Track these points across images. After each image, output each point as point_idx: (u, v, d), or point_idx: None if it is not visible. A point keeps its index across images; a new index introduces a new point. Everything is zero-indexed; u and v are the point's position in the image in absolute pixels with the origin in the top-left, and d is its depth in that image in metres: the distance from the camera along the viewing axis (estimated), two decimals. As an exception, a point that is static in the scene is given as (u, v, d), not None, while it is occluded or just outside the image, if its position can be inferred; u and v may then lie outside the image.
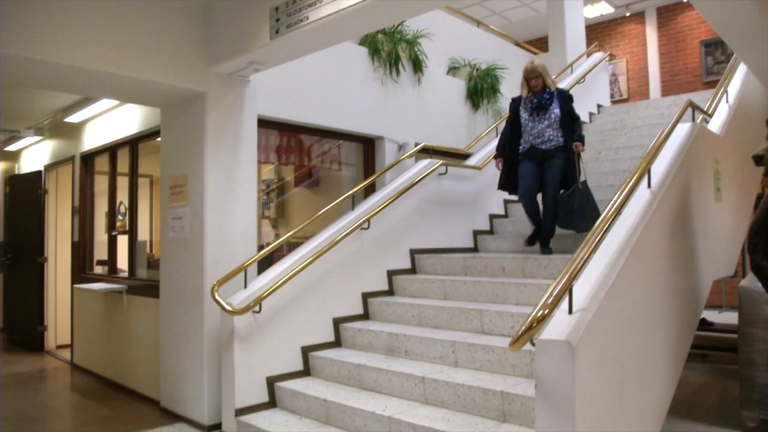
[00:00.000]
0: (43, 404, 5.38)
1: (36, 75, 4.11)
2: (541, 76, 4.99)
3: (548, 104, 5.00)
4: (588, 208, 4.79)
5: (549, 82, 5.04)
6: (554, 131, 4.98)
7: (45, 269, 7.58)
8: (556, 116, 4.98)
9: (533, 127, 5.03)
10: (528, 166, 5.04)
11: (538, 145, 4.99)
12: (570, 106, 5.08)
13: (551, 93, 5.03)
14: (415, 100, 6.64)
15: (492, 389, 3.37)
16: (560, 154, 4.94)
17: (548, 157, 4.97)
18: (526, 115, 5.10)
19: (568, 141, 4.95)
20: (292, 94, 5.37)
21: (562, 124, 4.99)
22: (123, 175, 6.05)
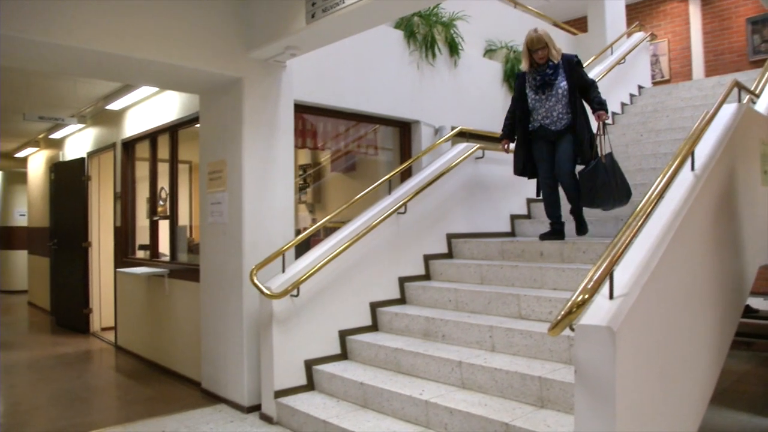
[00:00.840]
0: (89, 384, 5.56)
1: (78, 63, 4.19)
2: (547, 46, 4.56)
3: (553, 79, 4.61)
4: (614, 184, 4.41)
5: (554, 53, 4.61)
6: (563, 108, 4.62)
7: (89, 254, 7.79)
8: (564, 90, 4.61)
9: (540, 107, 4.69)
10: (542, 147, 4.75)
11: (548, 126, 4.68)
12: (579, 72, 4.65)
13: (554, 65, 4.61)
14: (451, 84, 6.58)
15: (530, 374, 3.34)
16: (571, 131, 4.61)
17: (559, 137, 4.67)
18: (531, 93, 4.74)
19: (578, 117, 4.60)
20: (328, 78, 5.37)
21: (571, 98, 4.61)
22: (163, 161, 6.16)
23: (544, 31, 4.57)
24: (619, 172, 4.49)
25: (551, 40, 4.59)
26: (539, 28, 4.60)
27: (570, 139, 4.60)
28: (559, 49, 4.66)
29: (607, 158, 4.46)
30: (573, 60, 4.64)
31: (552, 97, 4.62)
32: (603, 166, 4.41)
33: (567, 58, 4.64)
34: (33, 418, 4.56)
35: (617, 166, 4.51)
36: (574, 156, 4.62)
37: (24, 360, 6.49)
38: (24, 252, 11.93)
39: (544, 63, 4.60)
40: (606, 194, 4.38)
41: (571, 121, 4.60)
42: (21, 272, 12.21)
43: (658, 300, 2.79)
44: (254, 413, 4.34)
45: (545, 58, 4.58)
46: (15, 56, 4.03)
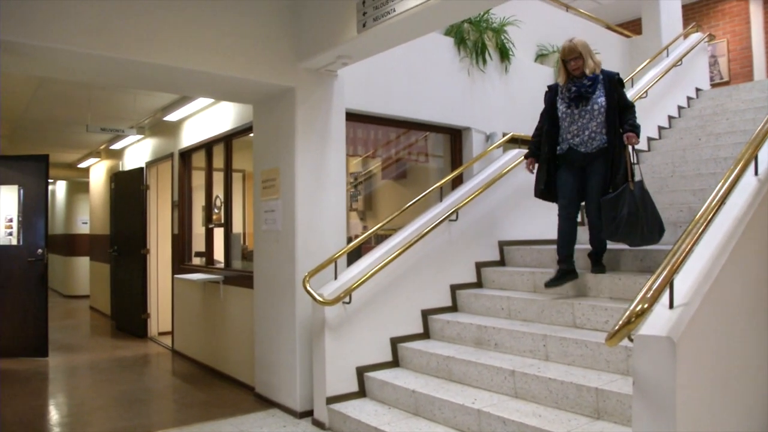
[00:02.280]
0: (147, 387, 5.72)
1: (138, 76, 4.35)
2: (581, 56, 4.13)
3: (590, 92, 4.12)
4: (643, 216, 3.90)
5: (591, 65, 4.17)
6: (597, 127, 4.11)
7: (148, 260, 8.03)
8: (601, 107, 4.11)
9: (572, 123, 4.19)
10: (567, 173, 4.25)
11: (577, 147, 4.16)
12: (620, 92, 4.19)
13: (594, 77, 4.15)
14: (502, 90, 6.53)
15: (586, 385, 3.27)
16: (604, 157, 4.10)
17: (590, 162, 4.16)
18: (563, 107, 4.25)
19: (614, 139, 4.09)
20: (379, 86, 5.40)
21: (608, 117, 4.11)
22: (218, 171, 6.31)
23: (580, 41, 4.16)
24: (650, 204, 4.00)
25: (588, 51, 4.18)
26: (576, 38, 4.20)
27: (602, 167, 4.12)
28: (598, 62, 4.24)
29: (637, 186, 3.98)
30: (614, 77, 4.21)
31: (586, 113, 4.14)
32: (631, 194, 3.93)
33: (608, 74, 4.22)
34: (95, 418, 4.72)
35: (648, 196, 4.02)
36: (607, 188, 4.09)
37: (86, 362, 6.73)
38: (86, 258, 12.39)
39: (581, 75, 4.18)
40: (631, 228, 3.90)
41: (605, 144, 4.10)
42: (83, 278, 12.68)
43: (720, 309, 2.70)
44: (306, 419, 4.38)
45: (579, 69, 4.15)
46: (78, 71, 4.23)
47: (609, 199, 3.98)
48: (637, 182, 4.00)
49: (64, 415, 4.86)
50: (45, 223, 6.93)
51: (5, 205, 6.94)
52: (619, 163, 4.04)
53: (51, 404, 5.20)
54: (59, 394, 5.53)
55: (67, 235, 13.50)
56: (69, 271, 13.28)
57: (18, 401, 5.12)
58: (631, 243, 4.06)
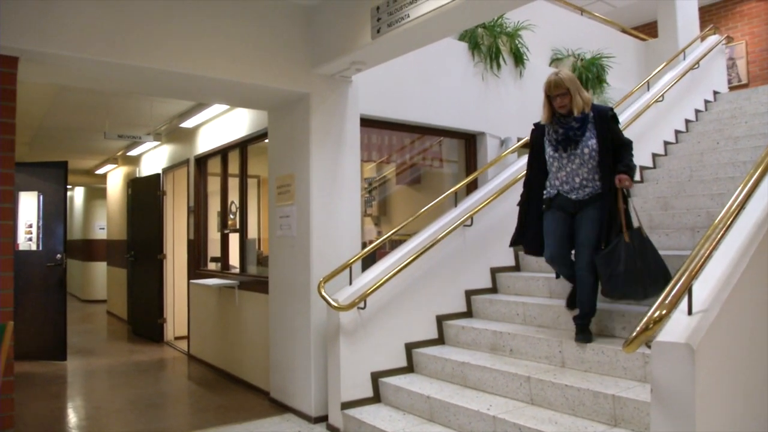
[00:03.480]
0: (163, 391, 5.76)
1: (155, 83, 4.40)
2: (569, 92, 3.66)
3: (579, 135, 3.69)
4: (643, 269, 3.47)
5: (580, 102, 3.69)
6: (589, 173, 3.70)
7: (164, 265, 8.09)
8: (592, 151, 3.68)
9: (560, 168, 3.79)
10: (554, 217, 3.83)
11: (567, 194, 3.78)
12: (614, 129, 3.75)
13: (583, 117, 3.70)
14: (516, 94, 6.51)
15: (602, 392, 3.24)
16: (598, 204, 3.69)
17: (581, 208, 3.76)
18: (550, 150, 3.83)
19: (610, 184, 3.66)
20: (393, 92, 5.41)
21: (602, 160, 3.68)
22: (233, 176, 6.35)
23: (567, 75, 3.70)
24: (651, 252, 3.54)
25: (577, 87, 3.70)
26: (563, 71, 3.73)
27: (595, 214, 3.68)
28: (587, 99, 3.75)
29: (635, 236, 3.55)
30: (607, 113, 3.74)
31: (576, 158, 3.71)
32: (627, 246, 3.49)
33: (600, 110, 3.74)
34: (112, 421, 4.76)
35: (649, 244, 3.57)
36: (599, 240, 3.67)
37: (103, 366, 6.79)
38: (103, 264, 12.51)
39: (567, 113, 3.72)
40: (631, 284, 3.48)
41: (598, 190, 3.71)
42: (101, 283, 12.81)
43: (740, 316, 2.66)
44: (321, 423, 4.38)
45: (567, 107, 3.69)
46: (96, 79, 4.28)
47: (603, 255, 3.54)
48: (635, 230, 3.58)
49: (82, 418, 4.90)
50: (64, 229, 7.01)
51: (25, 211, 7.03)
52: (615, 211, 3.63)
53: (69, 407, 5.25)
54: (77, 397, 5.58)
55: (85, 241, 13.65)
56: (87, 276, 13.42)
57: (37, 403, 5.18)
58: (634, 299, 3.61)
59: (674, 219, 4.91)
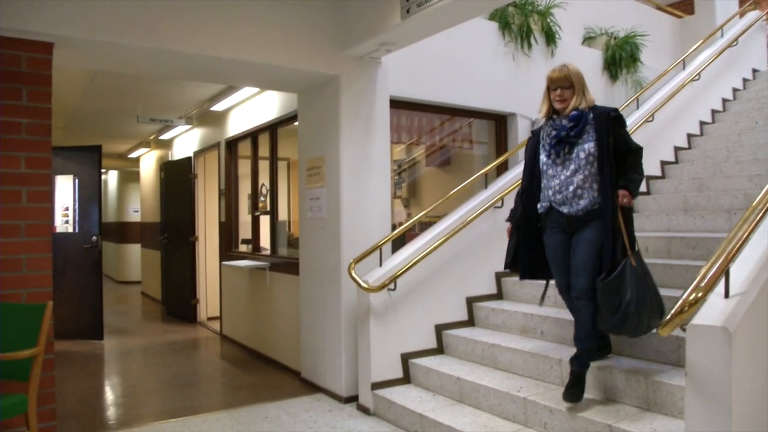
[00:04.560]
0: (197, 370, 5.87)
1: (186, 67, 4.43)
2: (572, 86, 3.27)
3: (573, 136, 3.23)
4: (648, 297, 3.08)
5: (580, 99, 3.28)
6: (585, 181, 3.22)
7: (196, 247, 8.22)
8: (589, 155, 3.21)
9: (553, 176, 3.33)
10: (554, 241, 3.39)
11: (559, 206, 3.31)
12: (619, 133, 3.24)
13: (578, 115, 3.24)
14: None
15: (635, 375, 3.21)
16: (596, 223, 3.20)
17: (576, 227, 3.28)
18: (543, 155, 3.41)
19: (611, 198, 3.16)
20: (422, 73, 5.37)
21: (601, 168, 3.19)
22: (264, 159, 6.40)
23: (574, 69, 3.31)
24: (651, 279, 3.16)
25: (582, 84, 3.30)
26: (570, 64, 3.36)
27: (592, 236, 3.21)
28: (591, 100, 3.30)
29: (637, 259, 3.14)
30: (610, 114, 3.24)
31: (570, 163, 3.25)
32: (633, 271, 3.07)
33: (601, 111, 3.27)
34: (148, 399, 4.88)
35: (647, 270, 3.17)
36: (598, 262, 3.18)
37: (139, 346, 6.95)
38: (137, 246, 12.76)
39: (565, 111, 3.29)
40: (638, 314, 3.04)
41: (595, 204, 3.22)
42: (135, 264, 13.07)
43: (780, 299, 2.60)
44: (351, 404, 4.43)
45: (566, 102, 3.27)
46: (129, 63, 4.33)
47: (610, 281, 3.06)
48: (637, 253, 3.19)
49: (119, 395, 5.03)
50: (99, 212, 7.15)
51: (62, 195, 7.18)
52: (617, 230, 3.15)
53: (107, 385, 5.39)
54: (114, 376, 5.73)
55: (120, 223, 13.92)
56: (121, 257, 13.71)
57: (77, 381, 5.34)
58: (638, 333, 3.16)
59: (710, 201, 4.81)
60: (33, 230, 3.56)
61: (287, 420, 4.14)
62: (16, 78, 3.51)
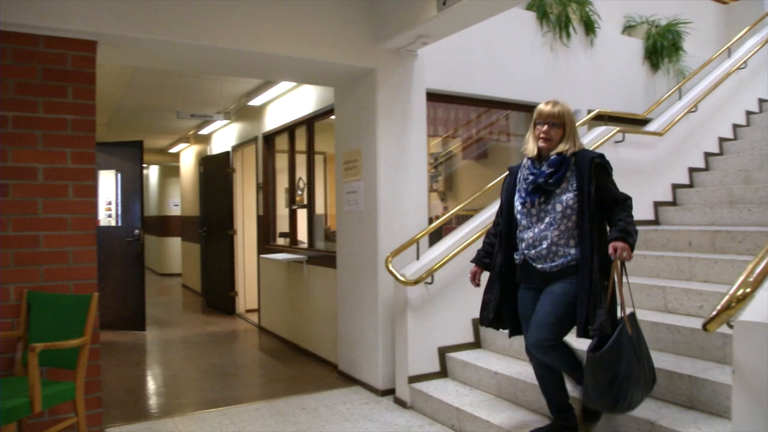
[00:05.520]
0: (236, 361, 5.97)
1: (225, 63, 4.49)
2: (563, 125, 2.93)
3: (551, 184, 2.88)
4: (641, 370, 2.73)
5: (569, 143, 2.93)
6: (560, 237, 2.88)
7: (235, 241, 8.34)
8: (566, 207, 2.86)
9: (527, 227, 2.99)
10: (525, 296, 3.07)
11: (533, 261, 2.97)
12: (603, 181, 2.87)
13: (558, 159, 2.89)
14: (587, 65, 6.29)
15: (678, 372, 3.14)
16: (569, 279, 2.88)
17: (548, 282, 2.96)
18: (518, 202, 3.05)
19: (591, 255, 2.80)
20: (458, 65, 5.33)
21: (580, 222, 2.84)
22: (300, 153, 6.44)
23: (565, 107, 2.97)
24: (644, 343, 2.82)
25: (573, 125, 2.96)
26: (562, 101, 3.01)
27: (560, 289, 2.89)
28: (579, 145, 2.97)
29: (632, 322, 2.76)
30: (593, 160, 2.87)
31: (545, 215, 2.91)
32: (629, 340, 2.69)
33: (584, 155, 2.90)
34: (189, 388, 4.99)
35: (641, 332, 2.82)
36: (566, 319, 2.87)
37: (179, 336, 7.10)
38: (178, 239, 13.02)
39: (548, 152, 2.95)
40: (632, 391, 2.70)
41: (572, 261, 2.88)
42: (176, 257, 13.34)
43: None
44: (388, 396, 4.45)
45: (551, 142, 2.93)
46: (170, 60, 4.41)
47: (603, 354, 2.66)
48: (630, 315, 2.76)
49: (160, 384, 5.15)
50: (141, 206, 7.30)
51: (105, 189, 7.36)
52: (598, 293, 2.75)
53: (149, 374, 5.52)
54: (156, 366, 5.87)
55: (160, 217, 14.21)
56: (162, 250, 14.00)
57: (121, 370, 5.48)
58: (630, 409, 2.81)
59: (757, 193, 4.67)
60: (79, 223, 3.67)
61: (325, 411, 4.18)
62: (62, 76, 3.61)
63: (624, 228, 2.75)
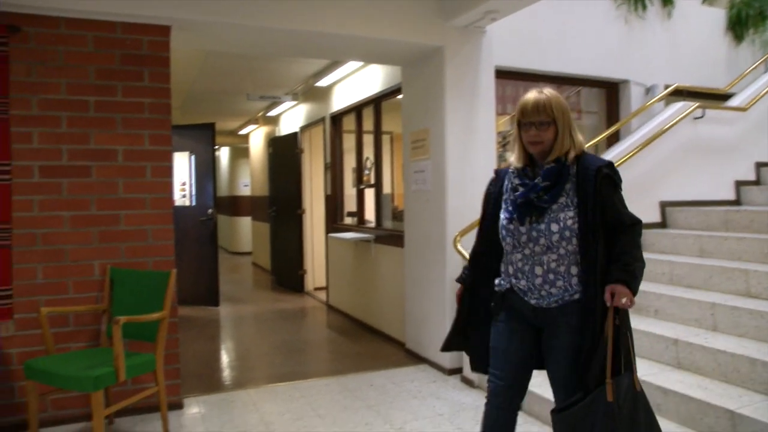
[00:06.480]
0: (305, 338, 6.11)
1: (293, 44, 4.52)
2: (554, 123, 2.20)
3: (546, 200, 2.19)
4: None
5: (566, 144, 2.21)
6: (559, 264, 2.18)
7: (303, 220, 8.48)
8: (565, 228, 2.16)
9: (515, 249, 2.27)
10: (507, 329, 2.32)
11: (524, 294, 2.25)
12: (610, 197, 2.16)
13: (557, 168, 2.19)
14: (664, 37, 6.00)
15: (761, 359, 3.00)
16: (575, 318, 2.16)
17: (548, 322, 2.24)
18: (504, 218, 2.31)
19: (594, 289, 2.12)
20: (527, 40, 5.19)
21: (583, 245, 2.15)
22: (367, 133, 6.47)
23: (555, 96, 2.24)
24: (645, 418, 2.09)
25: (567, 118, 2.22)
26: (548, 90, 2.27)
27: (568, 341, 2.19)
28: (579, 144, 2.24)
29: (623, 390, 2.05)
30: (601, 170, 2.16)
31: (541, 236, 2.19)
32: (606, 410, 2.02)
33: (589, 163, 2.20)
34: (260, 362, 5.15)
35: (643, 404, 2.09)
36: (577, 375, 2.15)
37: (251, 313, 7.32)
38: (248, 218, 13.38)
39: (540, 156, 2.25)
40: None
41: (574, 294, 2.17)
42: (246, 236, 13.72)
43: None
44: (455, 376, 4.45)
45: (543, 144, 2.21)
46: (240, 42, 4.49)
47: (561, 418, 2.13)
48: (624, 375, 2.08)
49: (234, 358, 5.34)
50: (213, 186, 7.52)
51: (179, 170, 7.62)
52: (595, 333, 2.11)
53: (223, 348, 5.73)
54: (229, 340, 6.08)
55: (231, 197, 14.61)
56: (233, 230, 14.42)
57: (197, 344, 5.71)
58: None
59: None
60: (156, 203, 3.83)
61: (392, 389, 4.23)
62: (139, 61, 3.75)
63: (627, 267, 2.10)
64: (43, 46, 3.54)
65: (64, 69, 3.59)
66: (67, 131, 3.61)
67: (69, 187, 3.62)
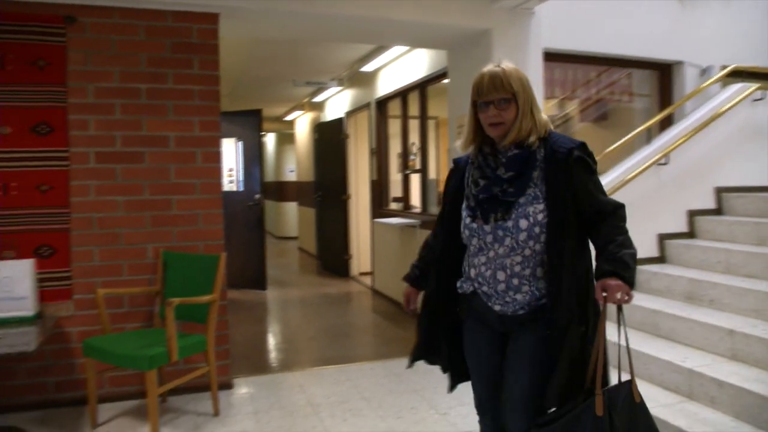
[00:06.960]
0: (350, 322, 6.17)
1: (339, 29, 4.52)
2: (514, 100, 1.91)
3: (512, 194, 1.92)
4: None
5: (528, 124, 1.91)
6: (525, 266, 1.93)
7: (348, 205, 8.53)
8: (535, 225, 1.88)
9: (479, 250, 2.00)
10: (477, 338, 2.11)
11: (487, 299, 2.00)
12: (585, 182, 1.89)
13: (523, 156, 1.93)
14: (720, 16, 5.75)
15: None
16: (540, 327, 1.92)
17: (512, 328, 1.99)
18: (467, 215, 2.03)
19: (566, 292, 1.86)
20: (577, 22, 5.06)
21: (551, 244, 1.88)
22: (413, 118, 6.43)
23: (513, 69, 1.94)
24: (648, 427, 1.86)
25: (529, 94, 1.93)
26: (505, 63, 1.96)
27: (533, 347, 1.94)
28: (543, 123, 1.95)
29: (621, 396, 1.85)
30: (573, 153, 1.89)
31: (506, 236, 1.92)
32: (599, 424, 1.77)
33: (558, 146, 1.92)
34: (307, 347, 5.22)
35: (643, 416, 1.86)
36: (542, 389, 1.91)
37: (297, 297, 7.43)
38: (294, 204, 13.52)
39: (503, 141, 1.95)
40: None
41: (541, 299, 1.92)
42: (292, 221, 13.88)
43: None
44: (501, 363, 4.42)
45: (504, 126, 1.93)
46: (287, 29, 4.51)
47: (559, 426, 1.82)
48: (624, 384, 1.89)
49: (280, 341, 5.44)
50: (260, 172, 7.62)
51: (227, 156, 7.75)
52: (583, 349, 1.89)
53: (270, 331, 5.85)
54: (276, 323, 6.19)
55: (278, 182, 14.78)
56: (280, 214, 14.60)
57: (245, 326, 5.83)
58: None
59: None
60: (206, 188, 3.90)
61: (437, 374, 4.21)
62: (188, 48, 3.82)
63: (616, 255, 1.81)
64: (97, 35, 3.64)
65: (118, 57, 3.69)
66: (120, 118, 3.71)
67: (123, 172, 3.73)
